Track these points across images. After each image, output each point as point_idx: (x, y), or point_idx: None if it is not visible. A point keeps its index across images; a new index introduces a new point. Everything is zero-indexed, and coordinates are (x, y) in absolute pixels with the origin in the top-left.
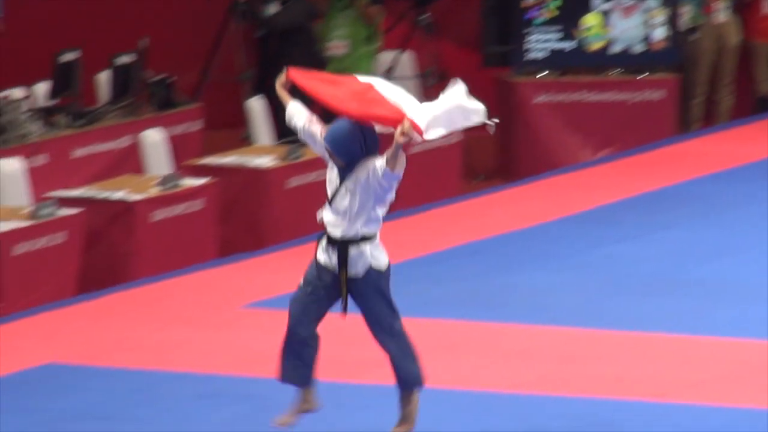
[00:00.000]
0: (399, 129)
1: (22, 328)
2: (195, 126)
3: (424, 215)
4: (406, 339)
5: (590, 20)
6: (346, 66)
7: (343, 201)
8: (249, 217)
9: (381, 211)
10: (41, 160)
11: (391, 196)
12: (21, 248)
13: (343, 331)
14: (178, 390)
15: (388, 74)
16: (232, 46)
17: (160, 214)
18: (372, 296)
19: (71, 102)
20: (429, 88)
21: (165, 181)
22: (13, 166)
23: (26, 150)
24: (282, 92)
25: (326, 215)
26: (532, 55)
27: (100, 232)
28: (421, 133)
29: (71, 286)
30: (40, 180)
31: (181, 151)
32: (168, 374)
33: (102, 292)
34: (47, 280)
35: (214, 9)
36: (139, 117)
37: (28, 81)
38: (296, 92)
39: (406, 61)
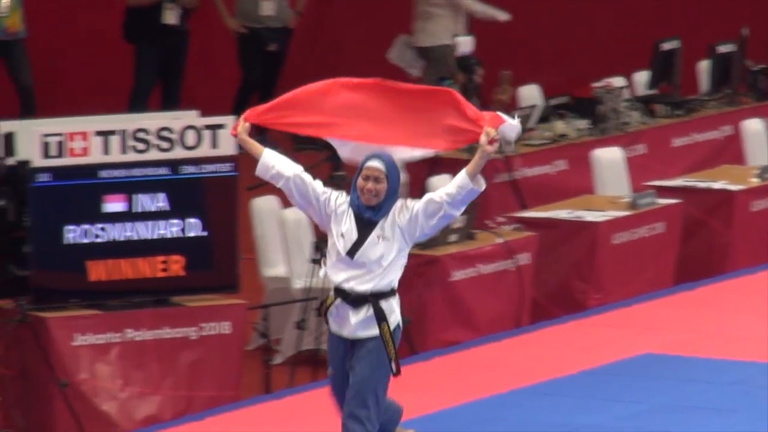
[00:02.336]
0: (484, 137)
1: (621, 317)
2: None
3: None
4: (385, 404)
5: None
6: None
7: (374, 250)
8: None
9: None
10: (640, 149)
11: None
12: (620, 238)
13: None
14: None
15: None
16: None
17: (759, 205)
18: (375, 356)
19: (671, 91)
20: None
21: (764, 171)
22: (614, 154)
23: (625, 139)
24: (246, 140)
25: (338, 273)
26: None
27: (699, 222)
28: (500, 122)
29: (669, 276)
30: (639, 169)
31: None
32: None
33: (700, 283)
34: (645, 270)
35: None
36: (739, 107)
37: (627, 70)
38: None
39: None
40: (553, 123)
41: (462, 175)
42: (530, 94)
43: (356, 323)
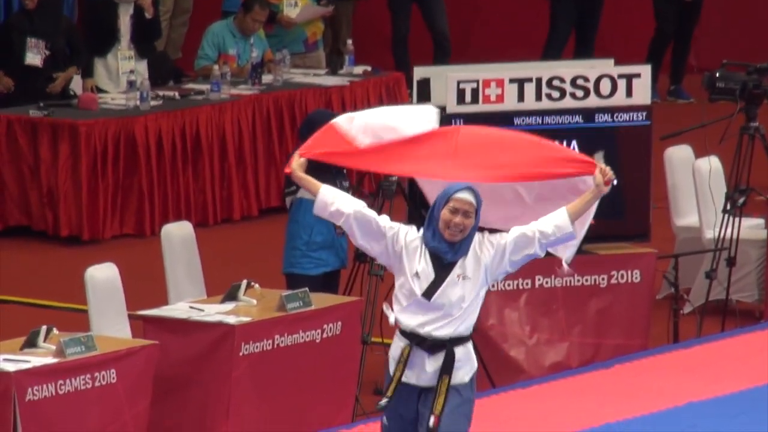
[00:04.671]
0: (599, 176)
1: None
2: None
3: None
4: None
5: None
6: None
7: (454, 291)
8: None
9: None
10: None
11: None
12: None
13: None
14: None
15: None
16: None
17: None
18: (463, 409)
19: None
20: None
21: None
22: None
23: None
24: (302, 177)
25: (412, 316)
26: None
27: None
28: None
29: None
30: None
31: None
32: None
33: None
34: None
35: None
36: None
37: None
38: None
39: None
40: None
41: (563, 214)
42: None
43: (434, 371)
